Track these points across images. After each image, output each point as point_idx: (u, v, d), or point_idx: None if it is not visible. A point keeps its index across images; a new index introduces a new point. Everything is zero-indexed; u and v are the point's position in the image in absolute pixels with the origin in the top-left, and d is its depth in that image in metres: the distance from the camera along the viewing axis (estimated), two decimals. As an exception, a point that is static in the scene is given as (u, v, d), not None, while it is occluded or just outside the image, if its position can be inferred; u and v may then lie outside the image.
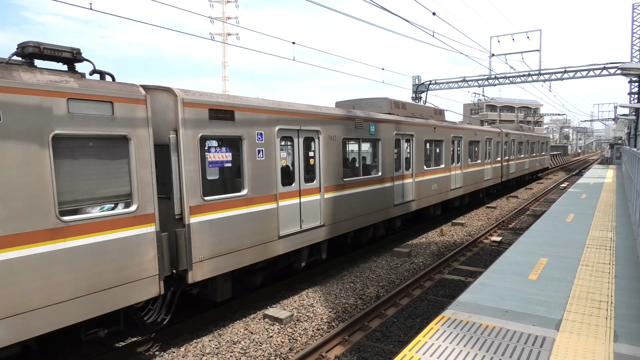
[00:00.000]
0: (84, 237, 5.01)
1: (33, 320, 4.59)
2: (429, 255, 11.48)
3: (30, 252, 4.55)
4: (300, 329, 7.09)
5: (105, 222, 5.21)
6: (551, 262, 7.45)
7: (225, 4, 34.91)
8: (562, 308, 5.43)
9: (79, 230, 4.96)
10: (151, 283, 5.70)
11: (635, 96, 27.33)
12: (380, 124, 10.94)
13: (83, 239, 5.00)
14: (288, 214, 8.08)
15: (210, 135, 6.59)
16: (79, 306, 4.97)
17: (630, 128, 30.41)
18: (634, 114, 27.17)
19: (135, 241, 5.49)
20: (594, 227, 10.27)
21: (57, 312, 4.79)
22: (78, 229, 4.95)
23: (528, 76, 26.80)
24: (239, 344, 6.57)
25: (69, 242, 4.87)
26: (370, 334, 7.00)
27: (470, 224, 15.63)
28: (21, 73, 4.55)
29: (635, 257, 7.66)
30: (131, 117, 5.45)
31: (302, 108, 8.41)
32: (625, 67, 11.09)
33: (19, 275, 4.48)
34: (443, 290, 8.92)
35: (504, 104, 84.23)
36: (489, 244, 12.83)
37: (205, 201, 6.44)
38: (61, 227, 4.79)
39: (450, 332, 4.81)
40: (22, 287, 4.50)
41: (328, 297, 8.36)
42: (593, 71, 24.82)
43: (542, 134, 39.58)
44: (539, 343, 4.52)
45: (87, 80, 5.13)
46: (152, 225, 5.69)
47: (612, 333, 4.72)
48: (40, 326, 4.66)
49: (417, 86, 29.81)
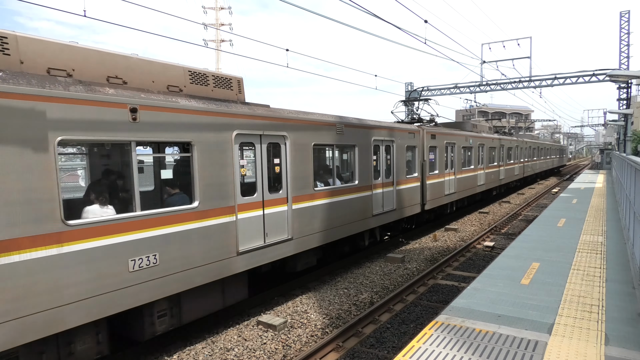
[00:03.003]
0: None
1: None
2: (422, 260, 11.51)
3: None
4: (294, 335, 7.07)
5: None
6: (543, 266, 7.51)
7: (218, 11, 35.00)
8: (554, 312, 5.48)
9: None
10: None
11: (624, 102, 27.73)
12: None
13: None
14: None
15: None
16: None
17: (619, 133, 30.81)
18: (623, 120, 27.56)
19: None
20: (585, 231, 10.37)
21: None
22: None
23: (519, 83, 27.13)
24: (232, 350, 6.53)
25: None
26: (364, 340, 6.99)
27: (463, 229, 15.71)
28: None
29: (625, 260, 7.75)
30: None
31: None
32: (613, 74, 11.26)
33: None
34: (437, 296, 8.95)
35: (495, 110, 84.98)
36: (482, 249, 12.89)
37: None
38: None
39: (444, 337, 4.83)
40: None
41: (322, 303, 8.35)
42: (582, 78, 25.18)
43: (558, 143, 58.00)
44: (532, 347, 4.55)
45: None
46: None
47: (604, 336, 4.76)
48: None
49: (409, 92, 30.04)
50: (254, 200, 7.52)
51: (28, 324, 4.62)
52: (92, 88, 5.31)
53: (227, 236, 6.94)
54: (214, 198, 6.71)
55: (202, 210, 6.52)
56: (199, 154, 6.47)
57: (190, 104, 6.43)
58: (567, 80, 25.66)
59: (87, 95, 5.13)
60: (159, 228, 5.92)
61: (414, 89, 29.84)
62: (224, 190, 6.89)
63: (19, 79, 4.67)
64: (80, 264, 5.05)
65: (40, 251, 4.72)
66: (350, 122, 10.23)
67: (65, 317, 4.94)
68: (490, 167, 21.30)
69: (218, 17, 34.92)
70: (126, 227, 5.53)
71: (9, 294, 4.49)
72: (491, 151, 21.51)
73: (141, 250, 5.67)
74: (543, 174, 41.29)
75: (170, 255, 6.06)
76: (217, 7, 34.83)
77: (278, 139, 8.05)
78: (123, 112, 5.50)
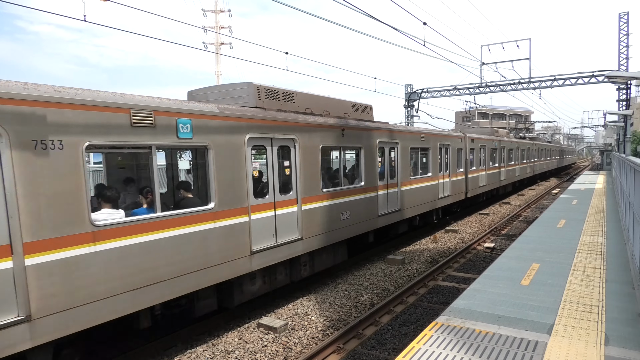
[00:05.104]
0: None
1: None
2: (422, 262, 11.51)
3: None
4: (295, 337, 7.08)
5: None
6: (543, 267, 7.52)
7: (218, 14, 35.11)
8: (554, 313, 5.49)
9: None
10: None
11: (623, 103, 27.76)
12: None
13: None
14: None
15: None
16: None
17: (619, 134, 30.85)
18: (623, 121, 27.59)
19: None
20: (585, 232, 10.39)
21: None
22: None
23: (518, 84, 27.15)
24: (233, 353, 6.54)
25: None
26: (365, 341, 7.00)
27: (463, 230, 15.72)
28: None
29: (625, 261, 7.76)
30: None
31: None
32: (612, 75, 11.28)
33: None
34: (437, 297, 8.95)
35: (495, 111, 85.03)
36: (482, 251, 12.90)
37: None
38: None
39: (444, 338, 4.84)
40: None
41: (322, 306, 8.35)
42: (582, 79, 25.20)
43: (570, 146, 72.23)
44: (532, 347, 4.56)
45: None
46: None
47: (603, 337, 4.77)
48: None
49: (409, 94, 30.07)
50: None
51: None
52: (316, 116, 9.17)
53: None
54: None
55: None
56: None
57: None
58: (567, 81, 25.68)
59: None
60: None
61: (414, 91, 29.88)
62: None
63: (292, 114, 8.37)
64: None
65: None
66: (430, 131, 13.93)
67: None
68: (510, 165, 25.75)
69: (218, 20, 35.04)
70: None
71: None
72: (510, 152, 25.67)
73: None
74: (554, 171, 48.09)
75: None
76: (216, 9, 34.95)
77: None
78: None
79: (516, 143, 27.29)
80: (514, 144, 26.64)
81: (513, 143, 26.36)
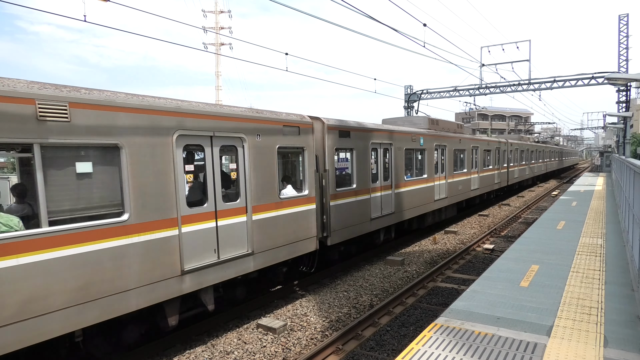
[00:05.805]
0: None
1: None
2: (422, 263, 11.51)
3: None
4: (294, 338, 7.07)
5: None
6: (542, 269, 7.52)
7: (218, 14, 35.11)
8: (553, 314, 5.48)
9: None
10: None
11: (623, 105, 27.79)
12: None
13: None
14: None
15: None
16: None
17: (619, 136, 30.86)
18: (622, 123, 27.61)
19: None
20: (584, 234, 10.39)
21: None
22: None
23: (518, 85, 27.16)
24: (232, 354, 6.53)
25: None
26: (364, 342, 6.99)
27: (463, 232, 15.72)
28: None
29: (624, 263, 7.76)
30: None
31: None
32: (612, 76, 11.29)
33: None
34: (436, 298, 8.95)
35: (495, 112, 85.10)
36: (482, 252, 12.90)
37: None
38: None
39: (443, 340, 4.84)
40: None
41: (322, 306, 8.35)
42: (582, 80, 25.22)
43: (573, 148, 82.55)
44: (531, 349, 4.56)
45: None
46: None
47: (602, 338, 4.77)
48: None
49: (409, 95, 30.08)
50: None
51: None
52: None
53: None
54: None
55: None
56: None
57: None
58: (567, 83, 25.71)
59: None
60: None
61: (414, 92, 29.88)
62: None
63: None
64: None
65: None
66: (479, 138, 20.32)
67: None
68: (532, 163, 32.29)
69: (218, 20, 35.04)
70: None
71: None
72: (530, 153, 31.82)
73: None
74: (558, 171, 54.31)
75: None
76: (216, 10, 34.95)
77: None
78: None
79: (535, 146, 34.70)
80: (534, 147, 33.95)
81: (533, 146, 33.89)
